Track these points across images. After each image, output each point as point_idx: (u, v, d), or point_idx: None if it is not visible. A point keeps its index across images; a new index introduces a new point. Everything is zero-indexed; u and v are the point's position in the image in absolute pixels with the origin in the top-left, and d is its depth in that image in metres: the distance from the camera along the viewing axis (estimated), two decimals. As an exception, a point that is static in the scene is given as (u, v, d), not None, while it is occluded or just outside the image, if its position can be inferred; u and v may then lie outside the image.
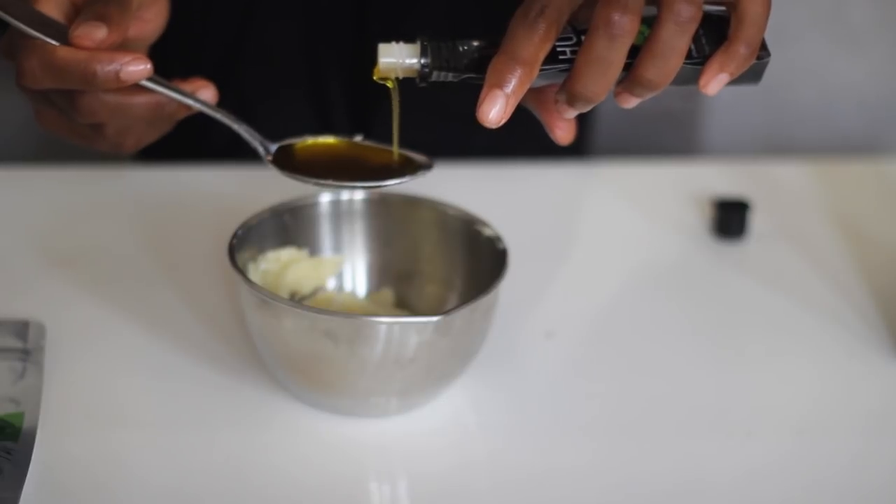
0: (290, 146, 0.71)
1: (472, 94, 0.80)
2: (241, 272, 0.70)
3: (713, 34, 0.66)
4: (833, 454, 0.72)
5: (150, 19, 0.73)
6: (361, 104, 1.06)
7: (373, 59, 0.66)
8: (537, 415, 0.74)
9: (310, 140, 0.72)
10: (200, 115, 0.72)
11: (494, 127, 0.64)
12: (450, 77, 0.66)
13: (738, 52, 0.66)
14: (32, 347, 0.75)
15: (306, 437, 0.71)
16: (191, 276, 0.84)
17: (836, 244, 0.92)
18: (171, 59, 1.02)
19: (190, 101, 0.69)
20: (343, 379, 0.69)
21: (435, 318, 0.67)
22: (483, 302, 0.69)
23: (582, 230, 0.92)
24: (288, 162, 0.70)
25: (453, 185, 0.92)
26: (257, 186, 0.91)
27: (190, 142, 1.07)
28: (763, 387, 0.78)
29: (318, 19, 1.02)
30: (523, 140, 0.90)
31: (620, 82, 0.65)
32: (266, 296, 0.68)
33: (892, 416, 0.76)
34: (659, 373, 0.79)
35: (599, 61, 0.63)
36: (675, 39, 0.63)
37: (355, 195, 0.78)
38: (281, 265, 0.77)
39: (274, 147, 0.71)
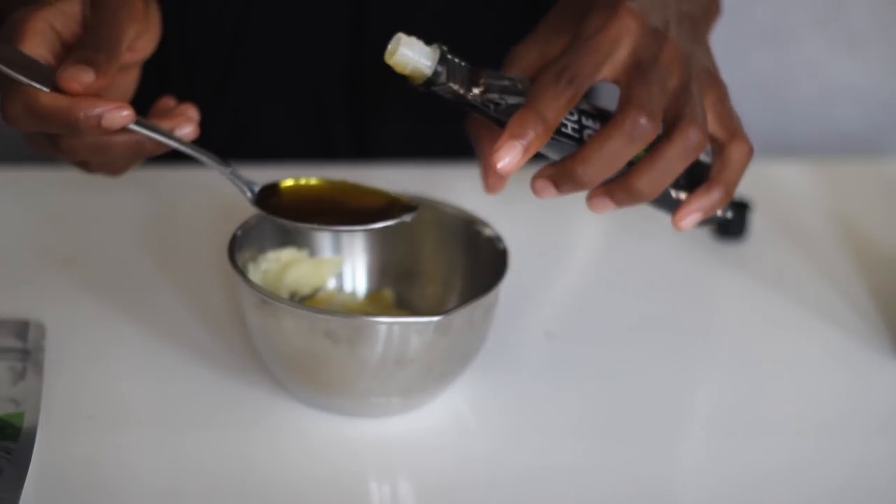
0: (274, 186, 0.72)
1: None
2: (241, 272, 0.70)
3: (692, 173, 0.69)
4: (833, 454, 0.72)
5: (143, 47, 0.73)
6: (360, 111, 1.05)
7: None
8: (537, 415, 0.74)
9: (294, 181, 0.72)
10: (200, 114, 0.72)
11: (503, 175, 0.65)
12: (450, 93, 0.67)
13: (716, 194, 0.69)
14: (32, 347, 0.75)
15: (306, 438, 0.71)
16: (191, 276, 0.84)
17: (836, 244, 0.92)
18: (168, 68, 1.02)
19: (171, 143, 0.69)
20: (343, 379, 0.69)
21: (435, 318, 0.67)
22: (483, 302, 0.69)
23: (582, 230, 0.92)
24: (273, 202, 0.71)
25: (453, 185, 0.92)
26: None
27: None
28: (763, 387, 0.78)
29: (315, 28, 1.02)
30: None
31: (602, 185, 0.67)
32: (266, 296, 0.68)
33: (893, 415, 0.76)
34: (659, 373, 0.79)
35: (610, 154, 0.65)
36: (677, 161, 0.66)
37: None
38: (281, 265, 0.77)
39: (257, 187, 0.71)
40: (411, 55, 0.65)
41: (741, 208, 0.92)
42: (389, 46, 0.65)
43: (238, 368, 0.76)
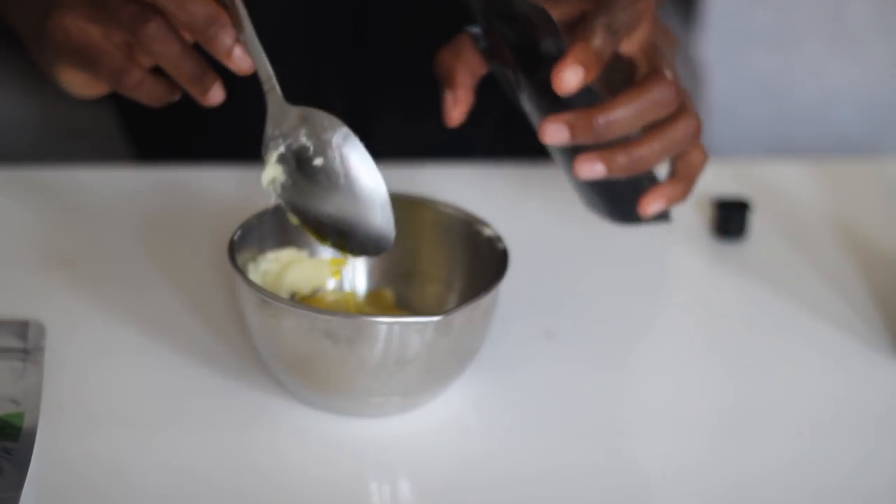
0: None
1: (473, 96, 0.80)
2: (241, 272, 0.70)
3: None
4: (833, 454, 0.72)
5: None
6: (361, 112, 1.05)
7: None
8: (537, 415, 0.74)
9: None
10: (199, 114, 0.72)
11: (566, 93, 0.69)
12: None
13: (681, 187, 0.76)
14: (32, 347, 0.75)
15: (306, 438, 0.71)
16: (191, 276, 0.84)
17: (836, 244, 0.92)
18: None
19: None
20: (343, 379, 0.69)
21: (435, 318, 0.67)
22: (483, 302, 0.69)
23: (582, 230, 0.92)
24: None
25: (453, 185, 0.92)
26: (257, 186, 0.91)
27: (190, 142, 1.07)
28: (762, 387, 0.78)
29: (316, 28, 1.02)
30: (523, 140, 0.90)
31: (599, 150, 0.71)
32: (266, 296, 0.68)
33: (893, 416, 0.76)
34: (658, 373, 0.79)
35: (633, 114, 0.70)
36: (679, 141, 0.72)
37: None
38: (281, 265, 0.77)
39: None
40: None
41: (741, 208, 0.92)
42: None
43: (238, 368, 0.76)
